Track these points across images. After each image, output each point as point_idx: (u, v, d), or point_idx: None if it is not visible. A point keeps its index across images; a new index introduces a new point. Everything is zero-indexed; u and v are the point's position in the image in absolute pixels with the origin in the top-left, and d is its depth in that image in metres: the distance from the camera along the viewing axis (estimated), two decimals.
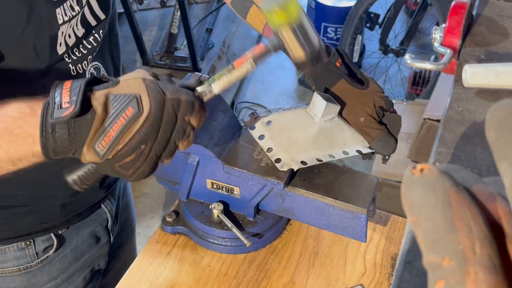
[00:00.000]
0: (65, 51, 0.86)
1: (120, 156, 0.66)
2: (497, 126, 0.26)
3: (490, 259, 0.24)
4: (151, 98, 0.64)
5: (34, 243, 1.01)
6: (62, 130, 0.64)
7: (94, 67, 0.95)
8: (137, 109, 0.64)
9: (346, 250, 1.01)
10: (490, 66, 0.58)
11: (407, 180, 0.26)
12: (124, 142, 0.65)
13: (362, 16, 3.07)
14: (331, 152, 0.93)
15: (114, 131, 0.64)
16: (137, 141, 0.65)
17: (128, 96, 0.64)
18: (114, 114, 0.64)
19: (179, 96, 0.66)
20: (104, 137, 0.64)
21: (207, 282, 0.96)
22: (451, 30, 0.71)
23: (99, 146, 0.65)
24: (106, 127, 0.64)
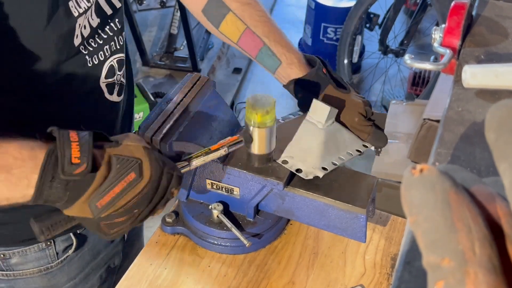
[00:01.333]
0: (81, 42, 0.86)
1: (113, 216, 0.68)
2: (497, 127, 0.26)
3: (489, 260, 0.24)
4: (152, 167, 0.68)
5: (55, 243, 1.01)
6: (61, 181, 0.66)
7: (117, 60, 0.94)
8: (138, 175, 0.67)
9: (346, 251, 1.01)
10: (489, 67, 0.58)
11: (407, 181, 0.26)
12: (121, 204, 0.68)
13: (362, 16, 3.07)
14: (339, 155, 0.95)
15: (115, 193, 0.67)
16: (132, 205, 0.68)
17: (131, 161, 0.67)
18: (117, 176, 0.67)
19: (173, 171, 0.72)
20: (104, 196, 0.66)
21: (207, 282, 0.96)
22: (451, 31, 0.71)
23: (98, 204, 0.67)
24: (107, 188, 0.66)
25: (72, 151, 0.65)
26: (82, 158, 0.65)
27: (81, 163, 0.65)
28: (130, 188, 0.67)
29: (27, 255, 1.00)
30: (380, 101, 3.20)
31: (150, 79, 3.29)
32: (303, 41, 3.54)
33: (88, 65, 0.88)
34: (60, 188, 0.66)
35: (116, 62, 0.94)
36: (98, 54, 0.90)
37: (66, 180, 0.66)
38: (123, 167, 0.67)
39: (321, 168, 0.92)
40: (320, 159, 0.93)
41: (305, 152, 0.94)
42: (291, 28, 3.89)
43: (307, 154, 0.94)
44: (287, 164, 0.93)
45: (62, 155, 0.65)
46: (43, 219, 0.72)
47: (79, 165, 0.65)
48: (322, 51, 3.39)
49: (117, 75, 0.96)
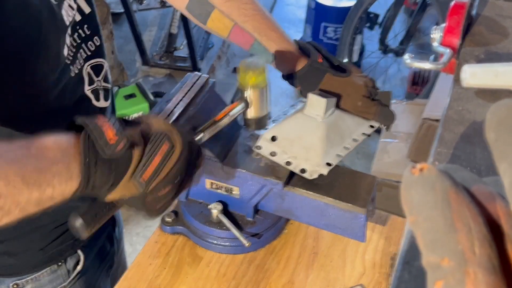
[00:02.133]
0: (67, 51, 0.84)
1: (158, 189, 0.69)
2: (497, 126, 0.26)
3: (489, 260, 0.24)
4: (181, 137, 0.71)
5: (65, 262, 1.01)
6: (105, 164, 0.65)
7: (92, 66, 0.92)
8: (171, 146, 0.70)
9: (345, 250, 1.01)
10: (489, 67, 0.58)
11: (406, 180, 0.26)
12: (164, 174, 0.69)
13: (362, 16, 3.07)
14: (344, 144, 0.94)
15: (155, 165, 0.68)
16: (174, 173, 0.70)
17: (161, 134, 0.69)
18: (152, 149, 0.68)
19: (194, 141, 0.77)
20: (146, 169, 0.68)
21: (206, 282, 0.96)
22: (451, 30, 0.71)
23: (141, 179, 0.68)
24: (147, 161, 0.68)
25: (106, 133, 0.64)
26: (118, 136, 0.65)
27: (119, 140, 0.65)
28: (167, 158, 0.69)
29: (40, 280, 0.99)
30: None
31: (150, 79, 3.29)
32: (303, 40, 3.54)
33: (71, 75, 0.87)
34: (105, 171, 0.65)
35: (91, 68, 0.92)
36: (76, 62, 0.88)
37: (109, 161, 0.65)
38: (155, 140, 0.69)
39: (325, 164, 0.91)
40: (323, 154, 0.92)
41: (307, 150, 0.93)
42: (291, 27, 3.89)
43: (309, 151, 0.93)
44: (290, 165, 0.93)
45: (99, 138, 0.64)
46: (86, 211, 0.69)
47: (118, 143, 0.65)
48: None
49: (97, 81, 0.94)
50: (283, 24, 3.99)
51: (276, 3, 4.15)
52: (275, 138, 0.95)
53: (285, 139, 0.95)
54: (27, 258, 0.96)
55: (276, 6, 4.13)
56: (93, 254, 1.08)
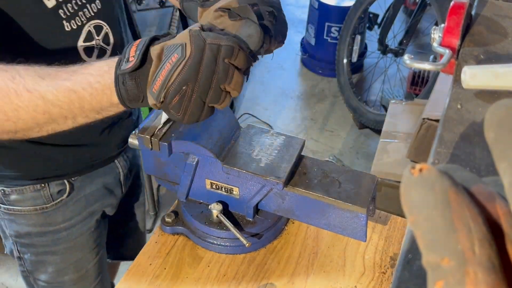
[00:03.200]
0: (56, 5, 0.94)
1: (168, 98, 0.72)
2: (496, 126, 0.26)
3: (489, 259, 0.24)
4: (192, 44, 0.71)
5: (49, 186, 1.13)
6: (130, 80, 0.74)
7: (94, 26, 1.02)
8: (181, 55, 0.71)
9: (346, 250, 1.01)
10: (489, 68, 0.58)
11: (406, 180, 0.26)
12: (170, 83, 0.71)
13: (361, 16, 3.07)
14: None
15: (163, 75, 0.71)
16: (178, 83, 0.71)
17: (176, 45, 0.72)
18: (164, 61, 0.72)
19: (219, 41, 0.72)
20: (156, 81, 0.72)
21: (206, 282, 0.96)
22: (450, 30, 0.71)
23: (153, 89, 0.73)
24: (157, 73, 0.72)
25: (130, 53, 0.74)
26: (135, 56, 0.73)
27: (133, 60, 0.73)
28: (176, 67, 0.71)
29: (24, 193, 1.13)
30: (379, 101, 3.21)
31: None
32: (306, 40, 3.54)
33: (66, 29, 0.97)
34: (133, 85, 0.74)
35: (93, 27, 1.02)
36: (75, 19, 0.98)
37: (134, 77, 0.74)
38: (169, 52, 0.72)
39: None
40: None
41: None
42: (291, 27, 3.88)
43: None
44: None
45: (123, 57, 0.74)
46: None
47: (131, 62, 0.73)
48: (326, 50, 3.39)
49: (96, 39, 1.04)
50: None
51: None
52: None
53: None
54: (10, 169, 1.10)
55: None
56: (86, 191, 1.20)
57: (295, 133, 2.99)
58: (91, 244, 1.27)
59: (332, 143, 2.99)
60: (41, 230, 1.19)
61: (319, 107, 3.24)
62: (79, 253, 1.25)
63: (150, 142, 0.92)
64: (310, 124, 3.11)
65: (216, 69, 0.71)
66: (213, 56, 0.71)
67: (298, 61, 3.61)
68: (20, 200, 1.14)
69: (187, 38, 0.72)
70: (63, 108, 0.77)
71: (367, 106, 3.06)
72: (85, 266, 1.28)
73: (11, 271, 2.26)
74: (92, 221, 1.25)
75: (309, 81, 3.46)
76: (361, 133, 3.06)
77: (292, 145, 0.98)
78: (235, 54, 0.72)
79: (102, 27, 1.04)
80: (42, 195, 1.14)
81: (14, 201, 1.14)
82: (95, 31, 1.03)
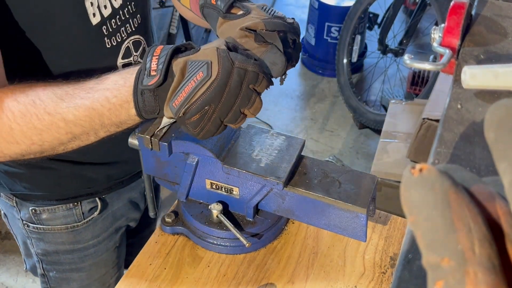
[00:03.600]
0: (101, 21, 0.92)
1: (189, 114, 0.73)
2: (496, 126, 0.26)
3: (489, 259, 0.24)
4: (220, 65, 0.71)
5: (81, 204, 1.13)
6: (149, 93, 0.75)
7: (133, 41, 1.01)
8: (206, 74, 0.71)
9: (345, 250, 1.01)
10: (489, 68, 0.58)
11: (406, 180, 0.26)
12: (193, 101, 0.72)
13: (361, 16, 3.07)
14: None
15: (186, 92, 0.72)
16: (201, 102, 0.72)
17: (201, 62, 0.72)
18: (188, 77, 0.72)
19: (247, 66, 0.72)
20: (178, 96, 0.73)
21: (206, 282, 0.96)
22: (450, 30, 0.71)
23: (173, 104, 0.74)
24: (180, 88, 0.73)
25: (151, 66, 0.73)
26: (157, 71, 0.73)
27: (156, 75, 0.73)
28: (200, 86, 0.71)
29: (56, 212, 1.12)
30: (379, 101, 3.20)
31: None
32: (306, 40, 3.54)
33: (107, 46, 0.96)
34: (151, 98, 0.74)
35: (132, 43, 1.01)
36: (116, 35, 0.96)
37: (153, 90, 0.74)
38: (193, 69, 0.72)
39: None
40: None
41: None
42: None
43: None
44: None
45: (143, 69, 0.74)
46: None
47: (154, 77, 0.73)
48: (326, 50, 3.39)
49: (134, 55, 1.03)
50: None
51: (275, 3, 4.15)
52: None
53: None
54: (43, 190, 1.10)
55: (275, 6, 4.13)
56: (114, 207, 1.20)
57: (295, 133, 2.99)
58: (115, 259, 1.27)
59: (332, 143, 2.99)
60: (70, 248, 1.18)
61: (319, 107, 3.24)
62: (103, 269, 1.24)
63: (150, 142, 0.92)
64: (310, 124, 3.11)
65: (240, 93, 0.72)
66: (239, 80, 0.72)
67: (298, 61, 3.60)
68: (51, 219, 1.13)
69: (214, 56, 0.72)
70: (85, 127, 0.78)
71: (367, 106, 3.06)
72: (108, 281, 1.27)
73: (11, 271, 2.26)
74: (117, 236, 1.24)
75: (309, 81, 3.46)
76: (361, 133, 3.06)
77: (292, 145, 0.98)
78: (260, 80, 0.73)
79: (140, 43, 1.03)
80: (74, 214, 1.13)
81: (45, 220, 1.13)
82: (133, 47, 1.02)
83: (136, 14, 0.99)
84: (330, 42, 3.36)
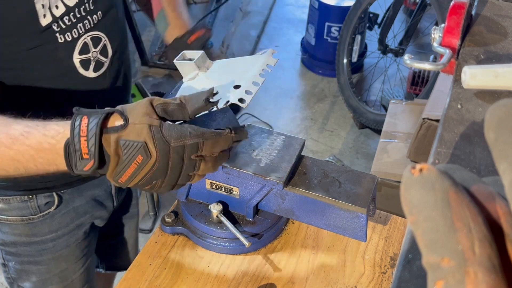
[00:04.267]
0: (52, 21, 0.92)
1: (140, 186, 0.75)
2: (496, 126, 0.26)
3: (489, 259, 0.24)
4: (157, 148, 0.71)
5: (36, 197, 1.11)
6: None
7: (92, 37, 1.00)
8: (146, 156, 0.71)
9: (346, 250, 1.01)
10: (489, 68, 0.58)
11: (406, 180, 0.26)
12: (138, 180, 0.74)
13: (361, 16, 3.07)
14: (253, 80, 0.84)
15: (129, 174, 0.73)
16: (147, 180, 0.74)
17: (136, 143, 0.71)
18: (126, 161, 0.72)
19: (184, 141, 0.72)
20: (121, 176, 0.73)
21: (206, 282, 0.96)
22: (450, 30, 0.71)
23: (119, 180, 0.74)
24: (121, 171, 0.72)
25: (81, 148, 0.71)
26: (90, 155, 0.71)
27: (89, 159, 0.71)
28: (141, 168, 0.72)
29: (10, 203, 1.11)
30: (379, 101, 3.20)
31: (149, 79, 3.29)
32: (306, 40, 3.54)
33: (59, 41, 0.95)
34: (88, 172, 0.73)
35: (90, 39, 1.00)
36: (71, 31, 0.95)
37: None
38: (130, 151, 0.71)
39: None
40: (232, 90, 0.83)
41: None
42: (291, 27, 3.89)
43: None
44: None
45: (74, 151, 0.72)
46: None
47: (88, 161, 0.71)
48: (326, 50, 3.39)
49: (93, 52, 1.01)
50: (282, 24, 4.01)
51: (275, 3, 4.15)
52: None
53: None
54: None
55: (275, 6, 4.13)
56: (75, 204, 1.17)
57: (295, 133, 2.99)
58: (78, 254, 1.25)
59: (332, 143, 2.99)
60: (26, 240, 1.17)
61: (319, 107, 3.24)
62: (64, 263, 1.23)
63: None
64: (310, 124, 3.11)
65: (183, 166, 0.73)
66: (179, 157, 0.72)
67: (298, 61, 3.60)
68: (6, 210, 1.12)
69: (148, 136, 0.71)
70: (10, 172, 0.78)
71: (367, 106, 3.06)
72: (70, 276, 1.26)
73: None
74: (80, 232, 1.22)
75: (309, 81, 3.46)
76: (361, 133, 3.06)
77: (292, 145, 0.98)
78: (201, 147, 0.72)
79: (100, 39, 1.02)
80: (28, 206, 1.12)
81: (1, 210, 1.12)
82: (91, 43, 1.00)
83: (96, 11, 0.99)
84: (330, 42, 3.36)
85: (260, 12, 4.01)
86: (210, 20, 3.53)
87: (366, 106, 3.06)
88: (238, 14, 3.92)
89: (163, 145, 0.71)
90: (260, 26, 3.84)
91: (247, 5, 4.08)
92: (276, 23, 3.95)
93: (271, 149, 0.98)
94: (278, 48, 3.67)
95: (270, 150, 0.97)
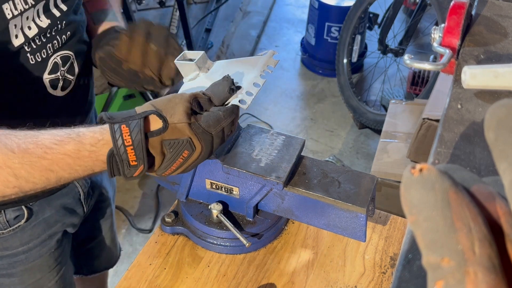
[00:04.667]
0: (24, 41, 0.91)
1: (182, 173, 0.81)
2: (496, 126, 0.26)
3: (489, 259, 0.24)
4: (201, 141, 0.77)
5: (5, 212, 1.08)
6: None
7: (61, 57, 0.99)
8: (191, 150, 0.77)
9: (345, 250, 1.01)
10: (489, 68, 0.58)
11: (406, 180, 0.26)
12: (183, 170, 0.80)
13: (361, 16, 3.07)
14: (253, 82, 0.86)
15: (173, 168, 0.79)
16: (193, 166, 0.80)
17: (182, 141, 0.76)
18: (173, 158, 0.77)
19: (222, 126, 0.78)
20: (166, 171, 0.79)
21: (206, 282, 0.96)
22: (450, 30, 0.71)
23: (163, 174, 0.79)
24: (166, 167, 0.78)
25: (129, 156, 0.75)
26: (138, 161, 0.75)
27: (138, 165, 0.76)
28: (187, 160, 0.78)
29: None
30: (379, 101, 3.20)
31: None
32: (306, 40, 3.54)
33: (31, 62, 0.94)
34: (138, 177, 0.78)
35: (60, 58, 0.99)
36: (41, 51, 0.95)
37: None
38: (175, 149, 0.76)
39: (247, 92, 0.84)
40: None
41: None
42: (290, 27, 3.89)
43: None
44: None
45: (121, 160, 0.75)
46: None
47: (137, 167, 0.76)
48: (326, 50, 3.39)
49: (61, 70, 1.01)
50: (282, 24, 4.01)
51: (275, 3, 4.15)
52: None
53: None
54: None
55: (275, 6, 4.13)
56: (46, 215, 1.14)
57: (295, 133, 2.99)
58: (52, 263, 1.22)
59: (332, 143, 2.99)
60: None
61: (319, 107, 3.24)
62: (38, 274, 1.20)
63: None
64: (310, 124, 3.11)
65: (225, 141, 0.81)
66: (221, 139, 0.79)
67: (298, 61, 3.61)
68: None
69: (191, 133, 0.76)
70: (37, 184, 0.76)
71: (367, 106, 3.06)
72: (45, 285, 1.23)
73: None
74: (52, 242, 1.20)
75: (309, 81, 3.46)
76: (361, 133, 3.06)
77: (292, 145, 0.98)
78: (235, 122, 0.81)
79: (69, 57, 1.02)
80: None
81: None
82: (61, 62, 1.00)
83: (66, 31, 0.98)
84: (330, 42, 3.36)
85: (260, 12, 4.01)
86: (210, 20, 3.53)
87: (366, 106, 3.06)
88: (238, 14, 3.92)
89: (205, 136, 0.77)
90: (260, 26, 3.84)
91: (247, 5, 4.08)
92: (276, 23, 3.95)
93: (271, 149, 0.98)
94: (278, 48, 3.67)
95: (270, 150, 0.97)
